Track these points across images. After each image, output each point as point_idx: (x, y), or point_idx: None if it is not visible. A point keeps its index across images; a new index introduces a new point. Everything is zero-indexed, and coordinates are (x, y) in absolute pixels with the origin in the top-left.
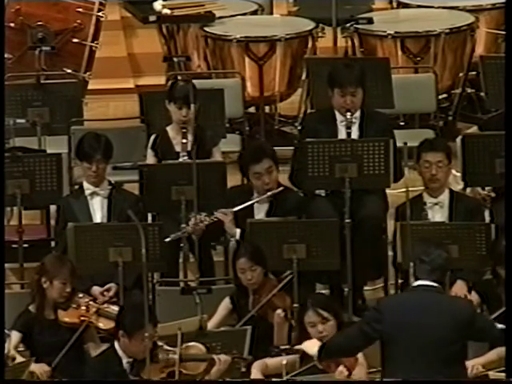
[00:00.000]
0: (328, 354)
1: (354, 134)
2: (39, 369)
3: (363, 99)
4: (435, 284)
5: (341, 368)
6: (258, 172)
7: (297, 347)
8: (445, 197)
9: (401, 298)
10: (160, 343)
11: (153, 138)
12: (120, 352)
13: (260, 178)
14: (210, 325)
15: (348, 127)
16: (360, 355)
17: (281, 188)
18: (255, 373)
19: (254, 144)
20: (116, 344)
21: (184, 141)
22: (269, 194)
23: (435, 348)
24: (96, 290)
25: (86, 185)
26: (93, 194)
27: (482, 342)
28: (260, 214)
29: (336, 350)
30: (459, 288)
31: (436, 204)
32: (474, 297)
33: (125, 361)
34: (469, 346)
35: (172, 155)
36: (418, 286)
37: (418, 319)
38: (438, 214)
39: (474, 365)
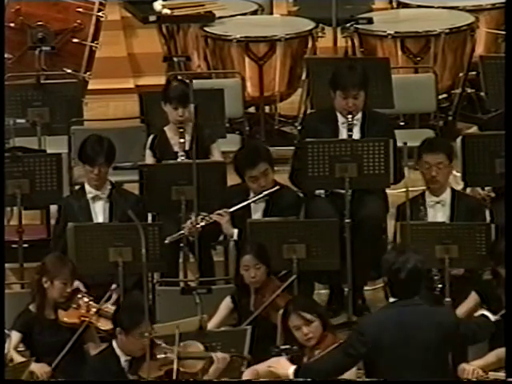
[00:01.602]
0: (309, 376)
1: (356, 136)
2: (39, 369)
3: (365, 101)
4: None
5: None
6: (254, 176)
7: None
8: (446, 195)
9: (381, 317)
10: (158, 342)
11: (151, 138)
12: (118, 350)
13: (256, 181)
14: (211, 324)
15: (349, 129)
16: None
17: (276, 187)
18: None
19: (249, 147)
20: (114, 343)
21: (182, 140)
22: (265, 193)
23: (420, 362)
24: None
25: (88, 188)
26: (95, 197)
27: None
28: (257, 213)
29: (319, 373)
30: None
31: (438, 203)
32: (474, 297)
33: (123, 359)
34: (468, 347)
35: (170, 155)
36: (396, 301)
37: (400, 337)
38: (439, 212)
39: (474, 369)
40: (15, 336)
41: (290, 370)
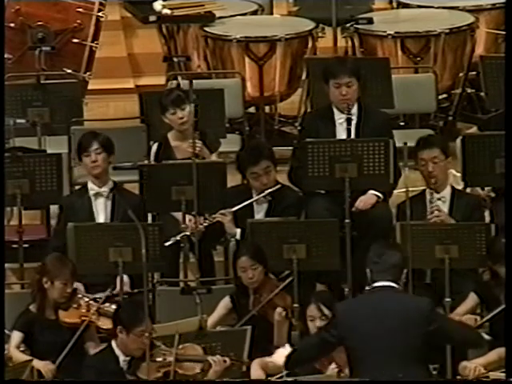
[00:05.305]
0: (294, 364)
1: (351, 132)
2: (44, 367)
3: (359, 94)
4: (392, 284)
5: (332, 365)
6: (256, 172)
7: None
8: (447, 192)
9: (356, 301)
10: (157, 343)
11: (155, 148)
12: (117, 350)
13: (258, 178)
14: (208, 323)
15: (348, 123)
16: None
17: (278, 186)
18: (256, 368)
19: (251, 144)
20: (113, 343)
21: (185, 145)
22: (267, 192)
23: (393, 348)
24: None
25: (90, 185)
26: (97, 194)
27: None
28: (260, 213)
29: (299, 359)
30: (470, 301)
31: (439, 199)
32: (473, 298)
33: (121, 359)
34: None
35: None
36: (375, 287)
37: (373, 321)
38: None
39: (475, 366)
40: (17, 336)
41: (282, 359)
